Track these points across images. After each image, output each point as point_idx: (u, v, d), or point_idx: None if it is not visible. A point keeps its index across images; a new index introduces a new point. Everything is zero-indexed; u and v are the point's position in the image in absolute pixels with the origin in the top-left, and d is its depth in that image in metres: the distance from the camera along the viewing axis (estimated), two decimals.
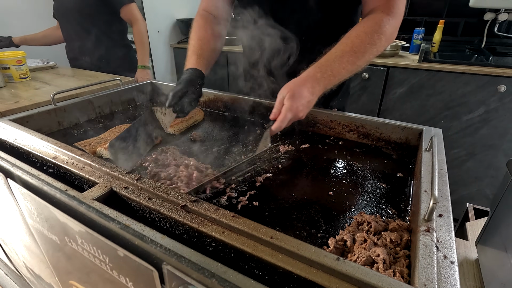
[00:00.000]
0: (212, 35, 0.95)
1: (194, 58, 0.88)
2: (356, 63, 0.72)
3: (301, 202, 0.60)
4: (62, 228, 0.37)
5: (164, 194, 0.49)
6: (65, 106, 0.94)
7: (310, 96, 0.68)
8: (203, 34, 0.94)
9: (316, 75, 0.69)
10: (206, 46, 0.92)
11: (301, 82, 0.69)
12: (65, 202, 0.39)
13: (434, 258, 0.37)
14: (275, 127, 0.68)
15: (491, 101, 1.58)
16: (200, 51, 0.90)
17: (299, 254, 0.38)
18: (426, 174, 0.55)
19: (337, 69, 0.70)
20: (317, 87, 0.69)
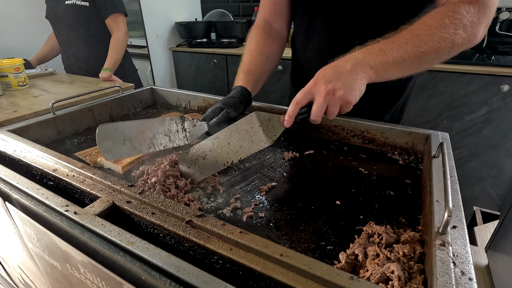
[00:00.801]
0: (268, 47, 0.89)
1: (242, 76, 0.83)
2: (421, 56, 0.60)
3: (308, 212, 0.59)
4: (64, 256, 0.36)
5: (168, 208, 0.48)
6: (65, 114, 0.93)
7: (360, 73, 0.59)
8: (255, 46, 0.88)
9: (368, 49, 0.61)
10: (258, 60, 0.86)
11: (340, 61, 0.61)
12: (66, 230, 0.38)
13: (452, 275, 0.35)
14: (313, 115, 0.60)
15: (494, 101, 1.56)
16: (249, 67, 0.84)
17: (311, 272, 0.36)
18: (436, 182, 0.53)
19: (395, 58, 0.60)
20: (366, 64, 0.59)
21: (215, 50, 2.48)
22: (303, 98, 0.62)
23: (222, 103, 0.74)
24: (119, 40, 1.63)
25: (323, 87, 0.59)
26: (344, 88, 0.58)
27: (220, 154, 0.66)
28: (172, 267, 0.38)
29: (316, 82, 0.60)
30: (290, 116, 0.63)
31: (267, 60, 0.88)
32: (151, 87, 1.22)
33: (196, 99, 1.13)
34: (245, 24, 2.60)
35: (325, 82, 0.59)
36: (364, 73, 0.60)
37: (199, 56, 2.57)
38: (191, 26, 2.65)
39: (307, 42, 0.91)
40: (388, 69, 0.61)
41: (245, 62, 0.86)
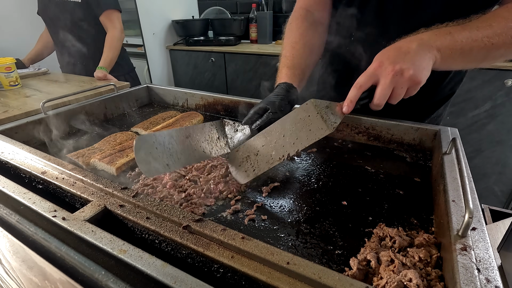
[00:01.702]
0: (311, 38, 0.81)
1: (285, 71, 0.75)
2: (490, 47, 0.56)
3: (313, 214, 0.55)
4: (42, 272, 0.32)
5: (164, 213, 0.44)
6: (56, 114, 0.89)
7: (427, 53, 0.54)
8: (298, 38, 0.80)
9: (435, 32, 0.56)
10: (301, 53, 0.78)
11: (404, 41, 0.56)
12: (42, 243, 0.34)
13: (477, 283, 0.32)
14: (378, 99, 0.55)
15: (498, 96, 1.53)
16: (292, 61, 0.77)
17: (321, 282, 0.33)
18: (451, 181, 0.50)
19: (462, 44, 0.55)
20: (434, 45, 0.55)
21: (212, 48, 2.44)
22: (367, 81, 0.57)
23: (266, 103, 0.68)
24: (114, 38, 1.58)
25: (390, 67, 0.54)
26: (413, 67, 0.53)
27: (274, 148, 0.61)
28: (168, 278, 0.34)
29: (381, 64, 0.56)
30: (352, 101, 0.58)
31: (311, 52, 0.81)
32: (147, 85, 1.18)
33: (193, 97, 1.09)
34: (243, 22, 2.56)
35: (392, 63, 0.54)
36: (430, 53, 0.55)
37: (197, 55, 2.53)
38: (188, 24, 2.61)
39: (351, 34, 0.82)
40: (454, 55, 0.56)
41: (288, 56, 0.78)
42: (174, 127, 0.89)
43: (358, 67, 0.79)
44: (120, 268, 0.38)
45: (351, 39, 0.83)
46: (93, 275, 0.30)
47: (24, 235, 0.37)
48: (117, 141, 0.82)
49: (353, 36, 0.83)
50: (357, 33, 0.81)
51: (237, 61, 2.35)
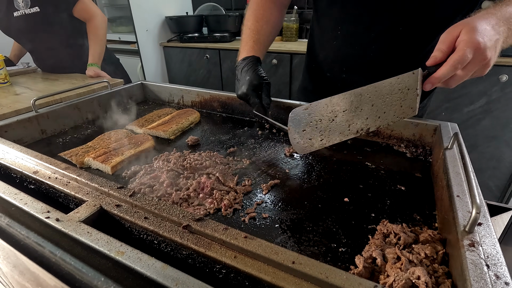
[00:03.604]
0: (272, 15, 0.87)
1: (251, 44, 0.81)
2: None
3: (315, 211, 0.54)
4: (35, 278, 0.30)
5: (163, 212, 0.43)
6: (48, 112, 0.86)
7: (496, 35, 0.49)
8: (262, 14, 0.85)
9: (503, 13, 0.52)
10: (265, 29, 0.84)
11: (483, 16, 0.50)
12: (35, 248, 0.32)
13: (487, 280, 0.31)
14: (444, 71, 0.47)
15: (493, 91, 1.54)
16: (258, 35, 0.82)
17: (328, 282, 0.32)
18: (454, 176, 0.49)
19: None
20: (503, 27, 0.50)
21: (207, 45, 2.41)
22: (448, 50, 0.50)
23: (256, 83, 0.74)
24: (97, 27, 1.46)
25: (470, 52, 0.47)
26: (493, 50, 0.49)
27: (356, 116, 0.50)
28: (168, 280, 0.33)
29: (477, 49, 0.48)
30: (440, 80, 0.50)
31: (273, 29, 0.87)
32: (141, 82, 1.16)
33: (189, 94, 1.07)
34: (237, 18, 2.53)
35: (478, 35, 0.47)
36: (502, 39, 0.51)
37: (191, 51, 2.50)
38: (182, 21, 2.57)
39: (337, 28, 0.83)
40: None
41: (253, 30, 0.83)
42: (170, 124, 0.87)
43: (345, 61, 0.86)
44: (118, 270, 0.36)
45: (338, 34, 0.85)
46: (91, 282, 0.29)
47: (15, 239, 0.35)
48: (111, 139, 0.80)
49: (340, 31, 0.84)
50: (344, 28, 0.82)
51: (233, 58, 2.32)
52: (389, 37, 0.77)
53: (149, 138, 0.80)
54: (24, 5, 1.37)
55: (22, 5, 1.37)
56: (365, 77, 0.84)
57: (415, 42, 0.77)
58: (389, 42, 0.78)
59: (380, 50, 0.79)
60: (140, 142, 0.77)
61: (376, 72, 0.83)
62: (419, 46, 0.78)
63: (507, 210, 0.88)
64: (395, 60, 0.81)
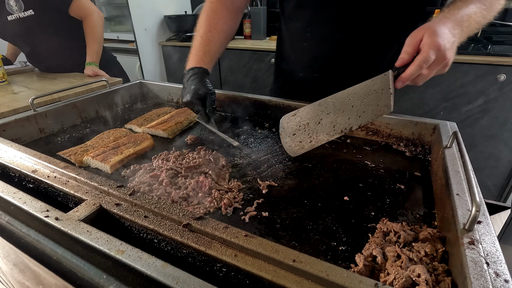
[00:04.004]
0: (226, 24, 0.84)
1: (200, 55, 0.79)
2: (486, 17, 0.62)
3: (315, 210, 0.54)
4: (35, 276, 0.30)
5: (163, 211, 0.43)
6: (46, 111, 0.86)
7: (453, 37, 0.55)
8: (215, 23, 0.82)
9: (457, 16, 0.58)
10: (216, 40, 0.81)
11: (438, 22, 0.56)
12: (35, 246, 0.32)
13: (487, 278, 0.31)
14: (411, 70, 0.53)
15: (491, 91, 1.55)
16: (209, 45, 0.80)
17: (329, 280, 0.32)
18: (454, 174, 0.50)
19: (474, 19, 0.59)
20: (458, 30, 0.56)
21: None
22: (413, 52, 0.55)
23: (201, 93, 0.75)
24: (94, 25, 1.43)
25: (433, 53, 0.52)
26: (451, 51, 0.55)
27: (339, 118, 0.55)
28: (169, 279, 0.33)
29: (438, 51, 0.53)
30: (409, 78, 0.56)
31: (225, 39, 0.85)
32: (140, 81, 1.15)
33: None
34: None
35: (439, 38, 0.53)
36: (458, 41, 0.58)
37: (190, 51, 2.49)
38: (181, 19, 2.56)
39: (307, 30, 0.85)
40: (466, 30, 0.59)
41: (205, 40, 0.80)
42: (169, 123, 0.87)
43: (316, 61, 0.88)
44: (118, 269, 0.36)
45: (307, 36, 0.86)
46: (93, 279, 0.29)
47: (15, 236, 0.35)
48: (110, 138, 0.80)
49: (309, 33, 0.85)
50: (314, 30, 0.84)
51: (231, 57, 2.32)
52: (355, 37, 0.80)
53: (148, 137, 0.80)
54: (17, 8, 1.34)
55: (15, 8, 1.34)
56: (337, 75, 0.88)
57: (380, 41, 0.81)
58: (356, 42, 0.81)
59: (349, 50, 0.83)
60: (139, 141, 0.77)
61: (347, 71, 0.86)
62: (384, 45, 0.81)
63: (505, 208, 0.89)
64: (363, 59, 0.84)
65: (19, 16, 1.35)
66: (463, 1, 0.62)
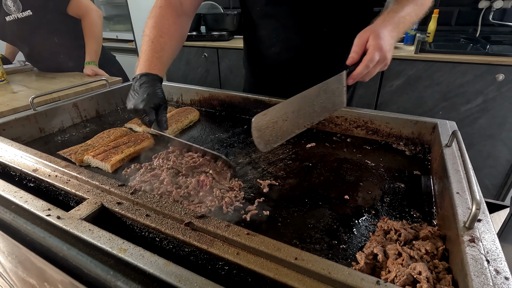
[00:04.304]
0: (177, 30, 0.81)
1: (153, 61, 0.73)
2: (418, 15, 0.70)
3: (316, 208, 0.55)
4: (40, 273, 0.30)
5: (164, 209, 0.43)
6: (46, 110, 0.85)
7: (391, 39, 0.62)
8: (166, 27, 0.78)
9: (394, 20, 0.65)
10: (169, 44, 0.77)
11: (380, 25, 0.63)
12: (41, 243, 0.32)
13: (488, 275, 0.32)
14: (361, 68, 0.59)
15: (489, 91, 1.56)
16: (161, 51, 0.75)
17: (331, 277, 0.32)
18: (453, 173, 0.50)
19: (408, 20, 0.67)
20: (395, 31, 0.64)
21: (205, 43, 2.40)
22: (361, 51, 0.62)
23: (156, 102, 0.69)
24: (92, 23, 1.42)
25: (378, 55, 0.60)
26: (390, 53, 0.62)
27: (303, 115, 0.60)
28: (172, 277, 0.33)
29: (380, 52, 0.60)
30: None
31: (177, 45, 0.83)
32: None
33: (188, 92, 1.07)
34: (236, 17, 2.53)
35: (381, 40, 0.60)
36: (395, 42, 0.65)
37: (189, 50, 2.49)
38: None
39: (272, 36, 0.91)
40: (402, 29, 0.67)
41: (157, 45, 0.76)
42: (170, 122, 0.87)
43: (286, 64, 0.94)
44: (120, 268, 0.36)
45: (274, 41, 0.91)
46: (100, 275, 0.29)
47: (20, 234, 0.35)
48: (111, 137, 0.80)
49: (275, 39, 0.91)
50: (279, 35, 0.90)
51: (231, 56, 2.32)
52: (317, 38, 0.87)
53: (149, 136, 0.80)
54: (15, 9, 1.32)
55: (13, 9, 1.33)
56: (306, 75, 0.94)
57: (340, 41, 0.87)
58: (319, 42, 0.88)
59: (313, 51, 0.89)
60: (140, 140, 0.77)
61: (314, 70, 0.93)
62: (343, 44, 0.83)
63: (504, 207, 0.89)
64: (327, 58, 0.91)
65: (17, 16, 1.34)
66: (400, 4, 0.69)
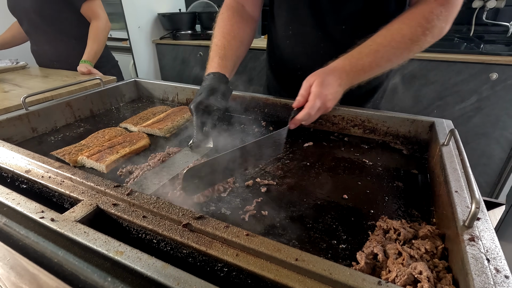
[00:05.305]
0: (240, 29, 0.82)
1: (217, 61, 0.76)
2: (392, 60, 0.66)
3: (315, 208, 0.54)
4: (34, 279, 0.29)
5: (162, 210, 0.42)
6: (39, 110, 0.84)
7: (338, 87, 0.64)
8: (229, 29, 0.81)
9: (345, 67, 0.65)
10: (232, 45, 0.79)
11: (329, 71, 0.64)
12: (35, 248, 0.31)
13: (489, 274, 0.32)
14: (303, 115, 0.62)
15: (483, 89, 1.57)
16: (224, 51, 0.77)
17: (332, 278, 0.32)
18: (452, 172, 0.50)
19: (369, 64, 0.65)
20: (345, 79, 0.64)
21: (200, 42, 2.38)
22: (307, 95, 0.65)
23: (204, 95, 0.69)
24: (99, 28, 1.46)
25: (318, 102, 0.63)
26: (332, 101, 0.64)
27: (237, 165, 0.60)
28: (170, 280, 0.32)
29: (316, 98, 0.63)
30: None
31: (242, 45, 0.83)
32: (135, 79, 1.14)
33: (184, 91, 1.06)
34: None
35: (323, 102, 0.63)
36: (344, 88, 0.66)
37: (184, 49, 2.47)
38: (175, 18, 2.54)
39: (288, 28, 0.87)
40: (362, 78, 0.68)
41: (220, 46, 0.78)
42: (166, 122, 0.86)
43: (299, 59, 0.90)
44: (117, 270, 0.35)
45: (289, 34, 0.88)
46: (97, 282, 0.28)
47: (13, 239, 0.34)
48: (105, 137, 0.78)
49: (291, 31, 0.87)
50: (294, 28, 0.86)
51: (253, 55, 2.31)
52: (334, 35, 0.82)
53: (145, 136, 0.78)
54: None
55: None
56: None
57: (358, 40, 0.81)
58: (335, 40, 0.82)
59: (328, 48, 0.84)
60: (135, 140, 0.76)
61: None
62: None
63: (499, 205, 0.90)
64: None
65: None
66: (369, 42, 0.67)
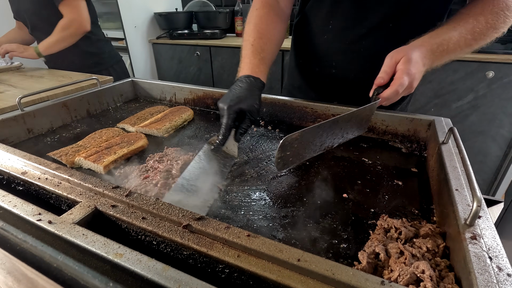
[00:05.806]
0: (275, 30, 0.79)
1: (255, 62, 0.70)
2: (472, 46, 0.64)
3: (315, 208, 0.54)
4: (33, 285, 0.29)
5: (161, 212, 0.41)
6: (35, 110, 0.83)
7: (422, 67, 0.61)
8: (265, 29, 0.76)
9: (432, 46, 0.62)
10: (269, 48, 0.74)
11: (415, 47, 0.60)
12: (33, 253, 0.30)
13: (491, 272, 0.32)
14: (390, 92, 0.58)
15: (480, 88, 1.58)
16: (263, 54, 0.72)
17: (335, 279, 0.31)
18: (452, 170, 0.50)
19: (453, 47, 0.62)
20: (429, 59, 0.61)
21: (197, 41, 2.37)
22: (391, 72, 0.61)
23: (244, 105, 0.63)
24: (59, 25, 1.38)
25: (407, 79, 0.58)
26: (418, 80, 0.61)
27: (328, 138, 0.60)
28: (171, 282, 0.32)
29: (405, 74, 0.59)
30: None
31: (277, 48, 0.80)
32: (132, 79, 1.13)
33: (182, 91, 1.05)
34: (228, 14, 2.51)
35: (412, 66, 0.59)
36: (427, 68, 0.63)
37: (181, 48, 2.46)
38: (172, 17, 2.52)
39: (328, 23, 0.82)
40: (441, 62, 0.65)
41: (257, 47, 0.73)
42: (163, 122, 0.85)
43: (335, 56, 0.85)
44: (117, 273, 0.35)
45: (329, 28, 0.83)
46: (97, 287, 0.27)
47: (10, 243, 0.33)
48: (103, 138, 0.78)
49: (331, 25, 0.83)
50: (334, 23, 0.82)
51: (223, 54, 2.30)
52: (379, 33, 0.77)
53: (142, 136, 0.78)
54: None
55: None
56: (354, 72, 0.85)
57: (404, 39, 0.77)
58: (379, 38, 0.78)
59: (370, 46, 0.80)
60: (133, 140, 0.75)
61: (364, 68, 0.83)
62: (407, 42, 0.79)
63: (497, 202, 0.91)
64: (383, 56, 0.82)
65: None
66: (449, 25, 0.65)
